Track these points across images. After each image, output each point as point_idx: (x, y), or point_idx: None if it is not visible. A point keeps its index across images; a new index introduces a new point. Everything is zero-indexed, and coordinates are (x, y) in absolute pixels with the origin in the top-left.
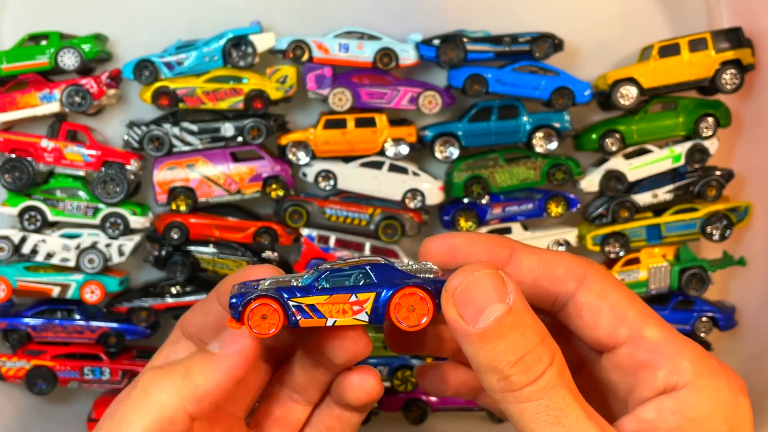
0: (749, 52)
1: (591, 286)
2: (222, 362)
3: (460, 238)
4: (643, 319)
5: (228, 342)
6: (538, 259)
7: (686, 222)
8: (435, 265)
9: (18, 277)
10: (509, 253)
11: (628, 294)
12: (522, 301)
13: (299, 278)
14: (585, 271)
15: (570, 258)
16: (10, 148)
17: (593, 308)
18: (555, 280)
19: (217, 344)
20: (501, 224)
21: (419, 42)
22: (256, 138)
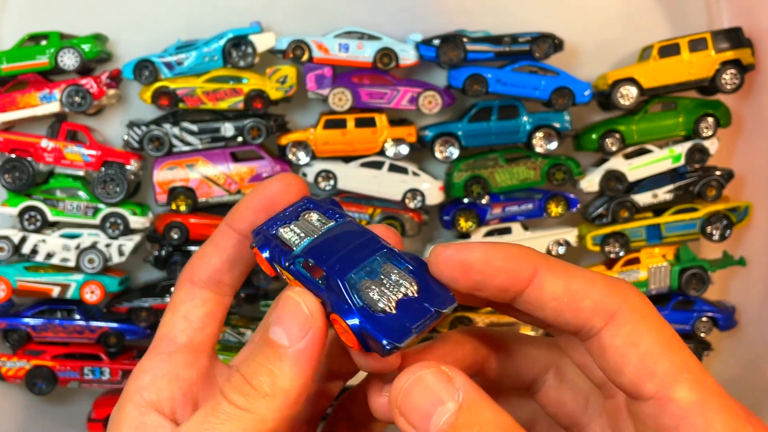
0: (749, 52)
1: (621, 327)
2: (297, 357)
3: (475, 254)
4: (676, 375)
5: (292, 329)
6: (563, 285)
7: (686, 222)
8: (444, 279)
9: (18, 277)
10: (530, 273)
11: (665, 339)
12: (475, 394)
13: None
14: (617, 308)
15: (602, 287)
16: (10, 148)
17: (619, 353)
18: (579, 313)
19: (280, 331)
20: (501, 224)
21: (419, 42)
22: (256, 138)
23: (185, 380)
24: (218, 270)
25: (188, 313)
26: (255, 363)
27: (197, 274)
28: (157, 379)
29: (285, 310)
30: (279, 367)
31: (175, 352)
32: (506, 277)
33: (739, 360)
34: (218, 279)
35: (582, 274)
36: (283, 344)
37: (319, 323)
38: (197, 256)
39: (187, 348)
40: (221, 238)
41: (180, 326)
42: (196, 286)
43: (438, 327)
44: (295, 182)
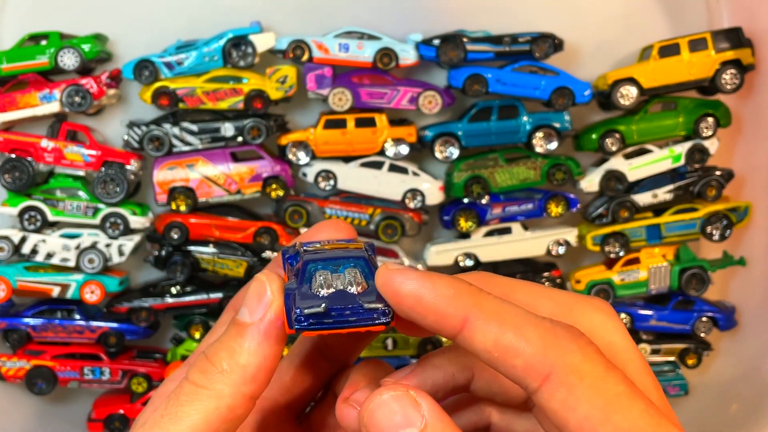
0: (749, 52)
1: (556, 390)
2: (254, 331)
3: (407, 286)
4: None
5: (254, 306)
6: (493, 339)
7: (686, 222)
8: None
9: (18, 277)
10: (460, 320)
11: (606, 400)
12: (439, 422)
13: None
14: (550, 369)
15: (536, 343)
16: (10, 148)
17: (557, 416)
18: (512, 371)
19: (246, 310)
20: (501, 224)
21: (419, 42)
22: (256, 138)
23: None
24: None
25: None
26: (218, 342)
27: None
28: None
29: (250, 290)
30: (239, 344)
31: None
32: (435, 320)
33: (739, 360)
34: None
35: (517, 324)
36: (245, 321)
37: (279, 301)
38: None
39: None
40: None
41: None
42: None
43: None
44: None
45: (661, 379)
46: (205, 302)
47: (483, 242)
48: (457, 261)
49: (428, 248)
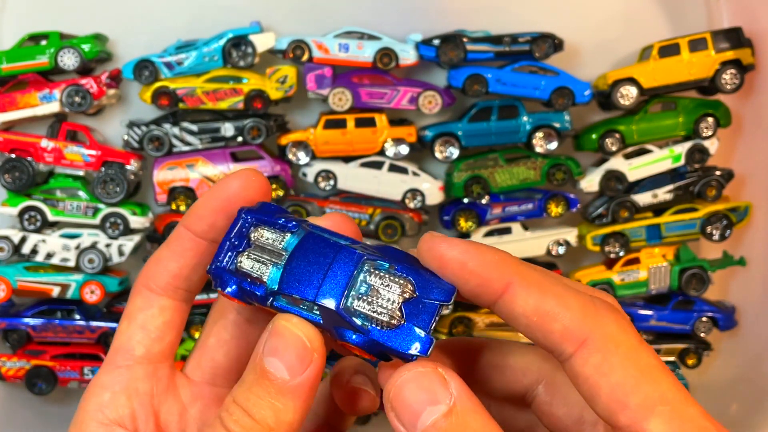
0: (749, 52)
1: (591, 356)
2: (299, 390)
3: (452, 252)
4: (650, 407)
5: (295, 364)
6: (534, 304)
7: (686, 222)
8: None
9: (18, 277)
10: (503, 285)
11: (639, 369)
12: (468, 401)
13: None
14: (587, 335)
15: (575, 310)
16: (10, 148)
17: (590, 383)
18: (549, 335)
19: (282, 366)
20: (501, 224)
21: (419, 42)
22: (256, 138)
23: (145, 394)
24: (176, 276)
25: (146, 322)
26: (254, 396)
27: (154, 281)
28: (117, 395)
29: (282, 341)
30: (281, 402)
31: (133, 365)
32: (478, 284)
33: (739, 360)
34: (176, 285)
35: (557, 293)
36: (283, 378)
37: (320, 355)
38: (153, 261)
39: (146, 359)
40: (178, 242)
41: (137, 337)
42: (153, 293)
43: (437, 327)
44: (256, 179)
45: None
46: (205, 302)
47: (483, 242)
48: None
49: None
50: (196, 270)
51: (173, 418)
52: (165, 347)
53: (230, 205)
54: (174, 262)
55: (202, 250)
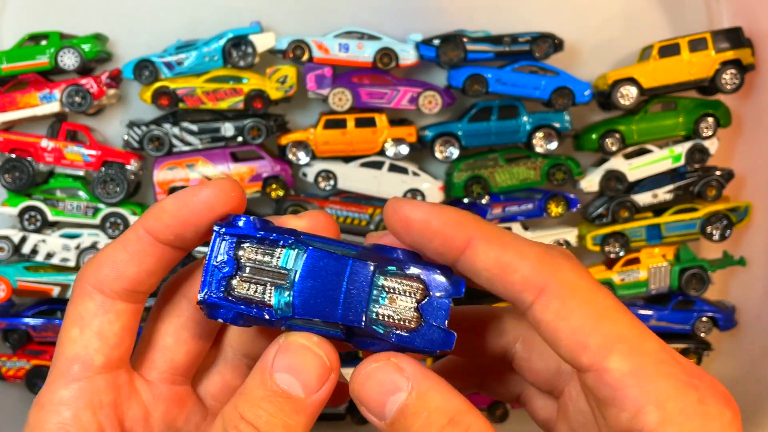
0: (749, 52)
1: (550, 302)
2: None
3: (416, 213)
4: (609, 346)
5: (312, 382)
6: (495, 257)
7: (686, 222)
8: (391, 230)
9: (18, 277)
10: (464, 241)
11: (596, 311)
12: (425, 381)
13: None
14: (545, 282)
15: (533, 260)
16: (10, 148)
17: (551, 328)
18: (509, 286)
19: (297, 383)
20: (501, 224)
21: (419, 42)
22: (256, 138)
23: (110, 405)
24: (134, 281)
25: (102, 329)
26: (265, 413)
27: (108, 284)
28: (81, 411)
29: (301, 360)
30: (295, 419)
31: (93, 376)
32: (441, 242)
33: (739, 360)
34: (134, 290)
35: (516, 245)
36: (299, 396)
37: (336, 373)
38: (107, 263)
39: (106, 369)
40: (139, 245)
41: (94, 345)
42: (107, 297)
43: None
44: (234, 192)
45: None
46: None
47: None
48: None
49: None
50: (156, 274)
51: (138, 423)
52: (123, 352)
53: (200, 218)
54: (133, 267)
55: (164, 256)
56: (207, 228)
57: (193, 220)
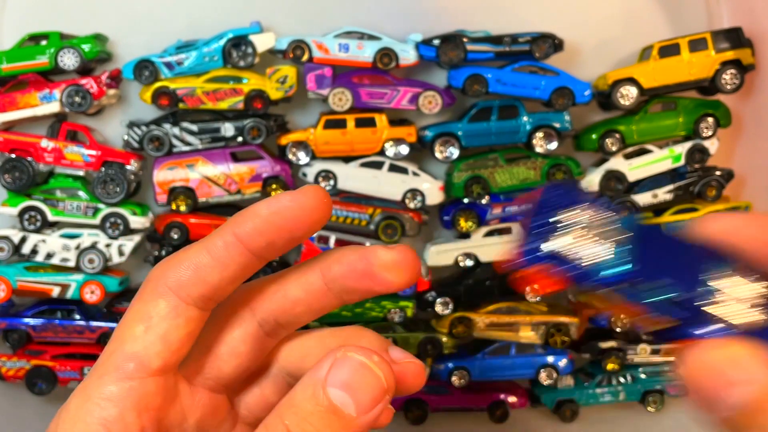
0: (749, 52)
1: None
2: (362, 428)
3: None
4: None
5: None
6: None
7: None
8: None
9: (18, 277)
10: None
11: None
12: None
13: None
14: None
15: None
16: (10, 148)
17: None
18: None
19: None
20: (501, 224)
21: (419, 42)
22: (256, 138)
23: (155, 408)
24: (215, 288)
25: (169, 333)
26: (314, 429)
27: (186, 289)
28: (127, 411)
29: (360, 379)
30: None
31: (147, 378)
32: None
33: None
34: (211, 297)
35: None
36: (350, 414)
37: (390, 395)
38: (190, 267)
39: (160, 372)
40: (225, 251)
41: (156, 348)
42: (182, 302)
43: (439, 327)
44: (326, 200)
45: (661, 379)
46: None
47: (483, 242)
48: (457, 261)
49: (428, 248)
50: (235, 283)
51: (175, 426)
52: (180, 358)
53: (295, 224)
54: (216, 273)
55: (248, 265)
56: (298, 236)
57: (287, 227)
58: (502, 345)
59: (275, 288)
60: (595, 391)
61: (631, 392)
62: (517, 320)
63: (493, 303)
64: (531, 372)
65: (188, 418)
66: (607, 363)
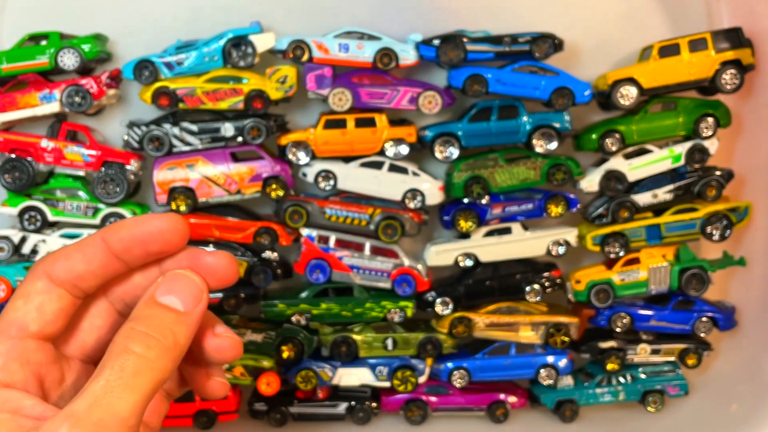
0: (749, 52)
1: None
2: (190, 319)
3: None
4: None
5: (189, 300)
6: None
7: (686, 222)
8: None
9: (18, 277)
10: None
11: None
12: None
13: None
14: None
15: None
16: (10, 148)
17: None
18: None
19: (177, 300)
20: (501, 224)
21: (419, 42)
22: (256, 138)
23: (35, 363)
24: (79, 277)
25: (43, 305)
26: (155, 324)
27: (57, 273)
28: (10, 362)
29: (180, 283)
30: (177, 328)
31: (26, 338)
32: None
33: (739, 360)
34: (76, 284)
35: None
36: (178, 309)
37: (206, 295)
38: (63, 256)
39: (37, 336)
40: (93, 249)
41: (32, 315)
42: (53, 283)
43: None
44: (181, 228)
45: (661, 379)
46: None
47: (483, 242)
48: (457, 261)
49: (428, 248)
50: (98, 278)
51: (54, 385)
52: (55, 330)
53: (150, 239)
54: (82, 265)
55: (110, 265)
56: (153, 251)
57: (143, 240)
58: (502, 345)
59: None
60: (595, 391)
61: (631, 392)
62: (517, 320)
63: (493, 303)
64: (531, 372)
65: (66, 379)
66: (607, 363)
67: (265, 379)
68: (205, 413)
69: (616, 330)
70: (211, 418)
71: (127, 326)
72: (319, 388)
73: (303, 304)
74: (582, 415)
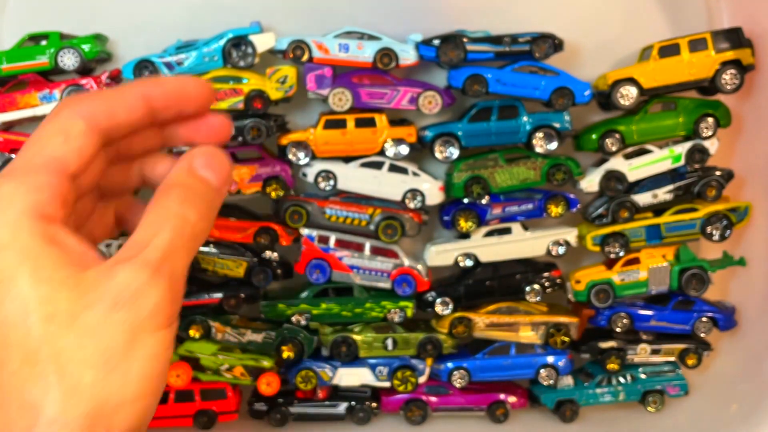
0: (749, 52)
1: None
2: (220, 198)
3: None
4: None
5: (224, 175)
6: None
7: (686, 222)
8: None
9: None
10: None
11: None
12: None
13: None
14: None
15: None
16: (10, 148)
17: None
18: None
19: (212, 174)
20: (501, 224)
21: (419, 42)
22: (256, 138)
23: (70, 204)
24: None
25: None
26: (199, 194)
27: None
28: (54, 198)
29: (216, 160)
30: (211, 197)
31: (64, 178)
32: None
33: (739, 360)
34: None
35: None
36: (214, 183)
37: (231, 174)
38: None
39: (72, 178)
40: (134, 100)
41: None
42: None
43: (439, 327)
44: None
45: (661, 379)
46: (205, 302)
47: (483, 242)
48: (457, 261)
49: (428, 248)
50: (128, 131)
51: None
52: (86, 178)
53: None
54: (124, 115)
55: (141, 120)
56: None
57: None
58: (502, 345)
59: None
60: (595, 391)
61: (631, 392)
62: (517, 320)
63: (493, 303)
64: (531, 372)
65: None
66: (607, 363)
67: (265, 379)
68: (205, 413)
69: (616, 330)
70: (211, 418)
71: (176, 191)
72: (319, 388)
73: (303, 304)
74: (582, 415)
